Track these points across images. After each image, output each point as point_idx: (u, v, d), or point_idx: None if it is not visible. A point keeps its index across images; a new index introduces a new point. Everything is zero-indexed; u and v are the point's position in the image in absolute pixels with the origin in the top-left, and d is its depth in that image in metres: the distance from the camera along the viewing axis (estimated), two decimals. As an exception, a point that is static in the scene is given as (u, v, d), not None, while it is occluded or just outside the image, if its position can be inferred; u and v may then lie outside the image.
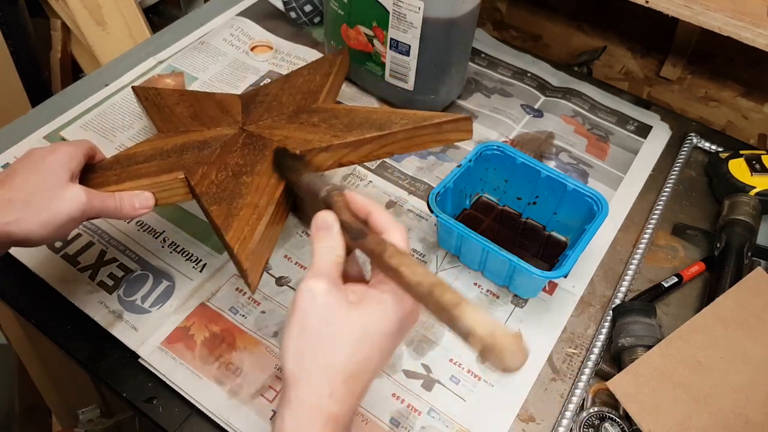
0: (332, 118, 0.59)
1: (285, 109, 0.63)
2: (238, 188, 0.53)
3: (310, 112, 0.62)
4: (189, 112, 0.65)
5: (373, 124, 0.57)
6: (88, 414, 1.07)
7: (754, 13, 0.66)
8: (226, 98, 0.69)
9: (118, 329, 0.58)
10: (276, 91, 0.67)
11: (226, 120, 0.63)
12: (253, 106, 0.65)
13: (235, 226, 0.50)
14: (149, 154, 0.57)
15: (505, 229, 0.68)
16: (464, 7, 0.68)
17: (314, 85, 0.66)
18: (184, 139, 0.60)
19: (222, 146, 0.58)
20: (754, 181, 0.69)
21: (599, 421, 0.53)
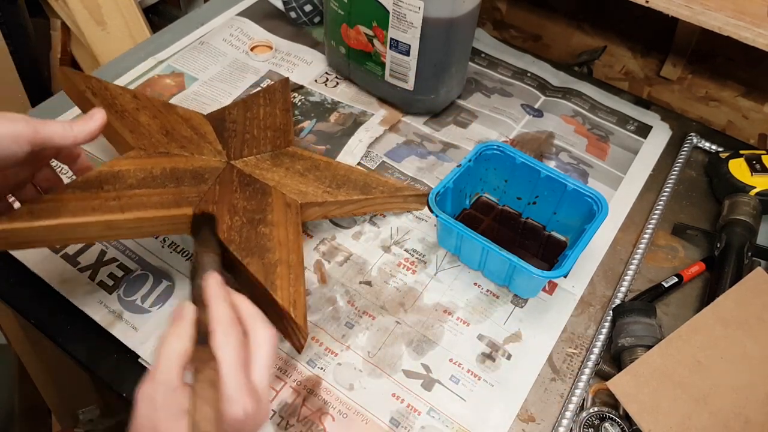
0: (315, 170, 0.64)
1: (262, 147, 0.65)
2: (260, 240, 0.55)
3: (291, 157, 0.65)
4: (157, 125, 0.62)
5: (355, 184, 0.64)
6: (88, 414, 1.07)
7: (754, 13, 0.66)
8: (190, 115, 0.66)
9: (118, 329, 0.58)
10: (242, 120, 0.68)
11: (206, 147, 0.62)
12: (227, 134, 0.65)
13: (280, 285, 0.52)
14: (140, 177, 0.55)
15: (505, 228, 0.68)
16: (464, 7, 0.68)
17: (278, 122, 0.69)
18: (171, 163, 0.58)
19: (219, 183, 0.58)
20: (754, 181, 0.69)
21: (599, 421, 0.53)
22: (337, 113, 0.79)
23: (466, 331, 0.60)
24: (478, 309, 0.61)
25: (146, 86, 0.80)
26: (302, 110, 0.79)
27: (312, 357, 0.57)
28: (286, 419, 0.53)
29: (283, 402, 0.54)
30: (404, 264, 0.64)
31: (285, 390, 0.55)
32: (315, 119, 0.78)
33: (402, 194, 0.66)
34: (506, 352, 0.59)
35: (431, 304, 0.61)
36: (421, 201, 0.68)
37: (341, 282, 0.63)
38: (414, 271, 0.64)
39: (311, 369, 0.56)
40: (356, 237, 0.66)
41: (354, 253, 0.65)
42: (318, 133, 0.77)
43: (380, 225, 0.68)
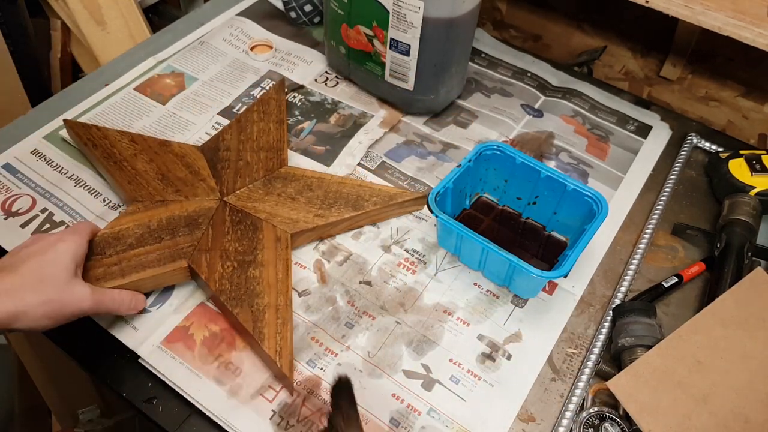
0: (307, 190, 0.66)
1: (255, 173, 0.67)
2: (250, 284, 0.58)
3: (283, 180, 0.67)
4: (153, 170, 0.66)
5: (347, 200, 0.65)
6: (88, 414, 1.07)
7: (754, 13, 0.66)
8: (185, 151, 0.69)
9: (118, 329, 0.58)
10: (236, 145, 0.70)
11: (200, 186, 0.65)
12: (220, 166, 0.68)
13: (267, 333, 0.55)
14: (138, 234, 0.59)
15: (505, 229, 0.68)
16: (464, 7, 0.68)
17: (272, 138, 0.71)
18: (167, 213, 0.62)
19: (212, 226, 0.62)
20: (754, 181, 0.69)
21: (599, 421, 0.53)
22: (338, 114, 0.79)
23: (466, 332, 0.60)
24: (478, 309, 0.61)
25: (146, 86, 0.80)
26: (302, 110, 0.79)
27: (312, 357, 0.57)
28: (286, 419, 0.53)
29: (283, 402, 0.54)
30: (404, 264, 0.64)
31: (285, 390, 0.55)
32: (315, 120, 0.78)
33: (396, 202, 0.66)
34: (506, 352, 0.59)
35: (431, 305, 0.61)
36: (419, 203, 0.68)
37: (341, 282, 0.63)
38: (414, 271, 0.64)
39: (311, 369, 0.56)
40: (356, 237, 0.66)
41: (354, 253, 0.65)
42: (318, 134, 0.77)
43: (380, 225, 0.68)
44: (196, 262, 0.58)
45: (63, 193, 0.68)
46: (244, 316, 0.56)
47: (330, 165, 0.73)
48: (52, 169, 0.70)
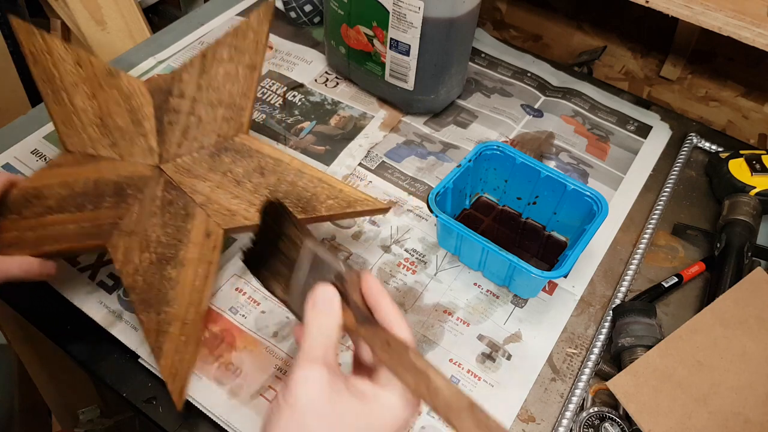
0: (258, 173, 0.57)
1: (206, 137, 0.58)
2: (163, 287, 0.52)
3: (234, 154, 0.57)
4: (93, 110, 0.57)
5: (299, 197, 0.56)
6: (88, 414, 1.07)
7: (754, 13, 0.66)
8: (133, 89, 0.59)
9: (118, 329, 0.58)
10: (192, 92, 0.59)
11: (139, 143, 0.57)
12: (167, 120, 0.58)
13: (166, 350, 0.50)
14: (61, 196, 0.53)
15: (505, 229, 0.68)
16: (464, 7, 0.68)
17: (237, 89, 0.59)
18: (96, 173, 0.55)
19: (140, 202, 0.54)
20: (755, 181, 0.69)
21: (599, 421, 0.53)
22: (338, 116, 0.79)
23: (466, 332, 0.60)
24: (478, 309, 0.61)
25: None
26: (302, 110, 0.79)
27: (312, 357, 0.57)
28: (286, 419, 0.53)
29: (283, 402, 0.54)
30: (404, 264, 0.64)
31: (285, 390, 0.55)
32: (315, 121, 0.78)
33: (354, 210, 0.56)
34: (506, 353, 0.59)
35: (431, 305, 0.61)
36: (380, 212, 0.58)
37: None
38: (414, 271, 0.64)
39: (311, 369, 0.56)
40: (356, 237, 0.66)
41: (354, 253, 0.65)
42: (318, 134, 0.77)
43: (380, 224, 0.68)
44: (114, 246, 0.52)
45: (63, 193, 0.68)
46: (148, 324, 0.51)
47: (330, 165, 0.73)
48: (52, 169, 0.70)
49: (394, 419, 0.35)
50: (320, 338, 0.36)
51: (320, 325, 0.37)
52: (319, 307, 0.37)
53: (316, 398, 0.34)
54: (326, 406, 0.34)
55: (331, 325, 0.37)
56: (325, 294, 0.38)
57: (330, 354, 0.36)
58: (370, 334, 0.37)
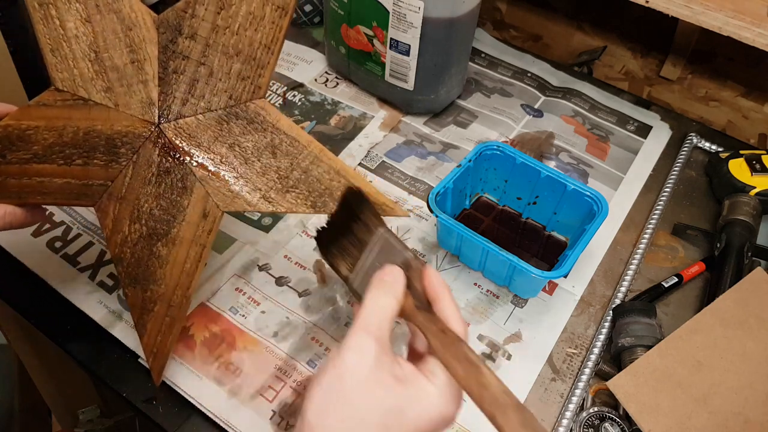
0: (270, 153, 0.50)
1: (215, 96, 0.50)
2: (152, 264, 0.49)
3: (246, 123, 0.50)
4: (87, 38, 0.49)
5: (311, 188, 0.50)
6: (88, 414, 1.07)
7: (754, 13, 0.66)
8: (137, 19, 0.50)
9: (118, 329, 0.58)
10: (207, 33, 0.50)
11: (137, 92, 0.50)
12: (173, 67, 0.50)
13: (149, 329, 0.49)
14: (48, 143, 0.48)
15: (505, 229, 0.68)
16: (464, 7, 0.68)
17: (261, 37, 0.50)
18: (87, 122, 0.49)
19: (133, 164, 0.49)
20: (754, 181, 0.69)
21: (599, 421, 0.53)
22: (338, 116, 0.79)
23: (466, 331, 0.60)
24: (478, 309, 0.61)
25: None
26: (302, 110, 0.79)
27: (312, 357, 0.57)
28: (286, 419, 0.53)
29: (283, 402, 0.54)
30: (404, 264, 0.64)
31: (285, 390, 0.55)
32: (315, 121, 0.78)
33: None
34: (506, 352, 0.59)
35: (431, 304, 0.61)
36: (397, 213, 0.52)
37: (341, 282, 0.63)
38: (414, 271, 0.64)
39: (311, 369, 0.56)
40: (356, 237, 0.66)
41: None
42: (318, 134, 0.77)
43: (380, 225, 0.68)
44: (103, 211, 0.49)
45: (63, 193, 0.68)
46: (133, 300, 0.49)
47: (330, 165, 0.73)
48: (52, 169, 0.70)
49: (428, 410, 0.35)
50: (378, 312, 0.37)
51: (381, 299, 0.37)
52: (384, 283, 0.38)
53: (361, 367, 0.35)
54: (369, 376, 0.34)
55: (390, 302, 0.37)
56: (393, 272, 0.39)
57: (384, 329, 0.36)
58: (427, 321, 0.38)
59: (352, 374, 0.34)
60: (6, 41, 1.11)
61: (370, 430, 0.34)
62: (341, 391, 0.34)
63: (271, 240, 0.66)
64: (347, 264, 0.42)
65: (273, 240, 0.66)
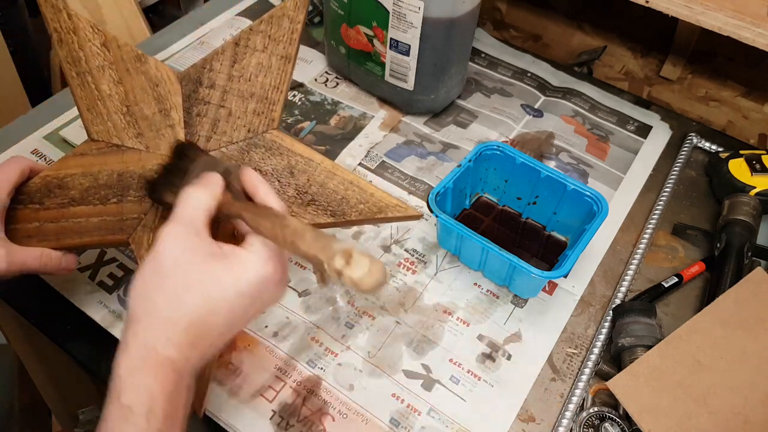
0: (287, 173, 0.54)
1: (236, 132, 0.56)
2: None
3: (264, 150, 0.55)
4: (119, 97, 0.55)
5: (329, 200, 0.54)
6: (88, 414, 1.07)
7: (754, 13, 0.66)
8: (162, 76, 0.57)
9: (118, 329, 0.58)
10: (224, 82, 0.57)
11: (166, 135, 0.55)
12: (196, 111, 0.56)
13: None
14: (84, 187, 0.52)
15: (505, 229, 0.68)
16: (464, 7, 0.68)
17: (270, 81, 0.57)
18: (120, 165, 0.53)
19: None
20: (754, 181, 0.69)
21: (599, 421, 0.53)
22: (338, 116, 0.79)
23: (466, 332, 0.60)
24: (478, 309, 0.61)
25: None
26: (302, 110, 0.79)
27: (312, 357, 0.57)
28: (286, 419, 0.53)
29: (283, 402, 0.54)
30: (404, 264, 0.64)
31: (285, 390, 0.55)
32: (315, 120, 0.78)
33: (385, 216, 0.54)
34: (506, 353, 0.59)
35: (431, 305, 0.61)
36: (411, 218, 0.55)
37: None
38: (414, 271, 0.64)
39: (311, 369, 0.56)
40: (356, 237, 0.66)
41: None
42: (318, 134, 0.77)
43: (380, 224, 0.68)
44: (138, 242, 0.51)
45: (63, 193, 0.68)
46: None
47: (330, 165, 0.73)
48: (52, 169, 0.70)
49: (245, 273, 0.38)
50: (191, 203, 0.40)
51: (193, 194, 0.40)
52: (199, 181, 0.41)
53: (174, 250, 0.38)
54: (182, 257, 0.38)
55: (203, 195, 0.40)
56: (209, 176, 0.42)
57: (198, 218, 0.39)
58: (243, 206, 0.41)
59: (165, 258, 0.38)
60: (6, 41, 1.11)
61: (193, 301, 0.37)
62: (158, 274, 0.38)
63: (271, 240, 0.66)
64: (173, 192, 0.44)
65: (273, 240, 0.66)
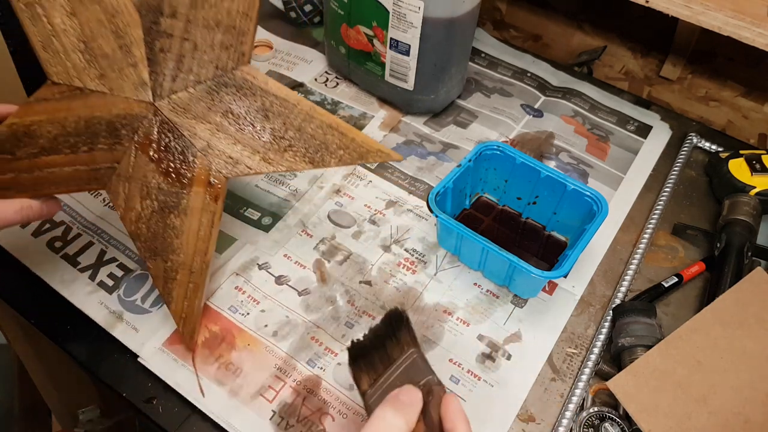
0: (263, 116, 0.52)
1: (203, 68, 0.52)
2: (168, 236, 0.52)
3: (236, 90, 0.52)
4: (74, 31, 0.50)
5: (308, 145, 0.52)
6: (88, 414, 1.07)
7: (754, 13, 0.66)
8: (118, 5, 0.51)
9: (119, 330, 0.58)
10: (186, 9, 0.51)
11: (129, 75, 0.51)
12: (159, 46, 0.51)
13: (176, 296, 0.52)
14: (52, 135, 0.50)
15: (505, 229, 0.68)
16: (464, 7, 0.68)
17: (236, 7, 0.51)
18: (86, 110, 0.50)
19: (137, 145, 0.51)
20: (754, 181, 0.69)
21: (599, 421, 0.53)
22: (338, 116, 0.79)
23: (466, 332, 0.60)
24: (478, 309, 0.61)
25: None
26: (302, 110, 0.79)
27: (312, 357, 0.57)
28: (286, 419, 0.53)
29: (283, 402, 0.54)
30: (404, 264, 0.64)
31: (285, 390, 0.55)
32: (315, 119, 0.78)
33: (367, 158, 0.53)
34: (506, 353, 0.59)
35: (431, 304, 0.61)
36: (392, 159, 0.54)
37: (341, 281, 0.63)
38: (414, 271, 0.64)
39: (311, 369, 0.56)
40: (356, 236, 0.66)
41: (354, 253, 0.65)
42: (318, 133, 0.77)
43: (380, 224, 0.68)
44: (114, 192, 0.51)
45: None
46: (155, 271, 0.52)
47: (330, 165, 0.73)
48: (52, 169, 0.70)
49: None
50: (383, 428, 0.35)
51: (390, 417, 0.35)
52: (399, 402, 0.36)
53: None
54: None
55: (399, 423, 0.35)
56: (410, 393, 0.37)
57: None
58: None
59: None
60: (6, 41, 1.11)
61: None
62: None
63: (271, 239, 0.66)
64: (369, 378, 0.42)
65: (273, 239, 0.66)
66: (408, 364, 0.41)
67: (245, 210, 0.68)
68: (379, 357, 0.42)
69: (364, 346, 0.43)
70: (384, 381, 0.41)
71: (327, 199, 0.70)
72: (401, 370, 0.41)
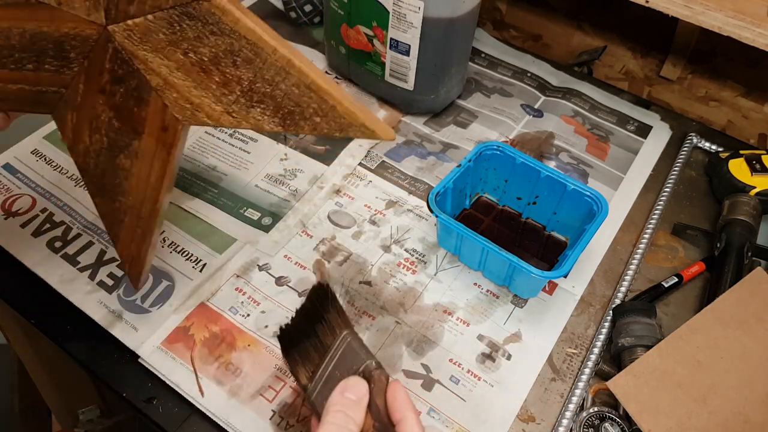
0: (230, 62, 0.44)
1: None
2: (116, 177, 0.48)
3: (201, 25, 0.43)
4: None
5: (279, 104, 0.44)
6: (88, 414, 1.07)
7: (754, 13, 0.66)
8: None
9: (118, 329, 0.58)
10: None
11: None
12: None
13: (122, 238, 0.50)
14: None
15: (505, 229, 0.68)
16: (464, 7, 0.68)
17: None
18: (32, 23, 0.45)
19: (85, 70, 0.46)
20: (755, 181, 0.69)
21: (599, 421, 0.53)
22: (337, 113, 0.79)
23: (466, 332, 0.60)
24: (478, 309, 0.61)
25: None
26: (302, 110, 0.79)
27: (312, 357, 0.57)
28: (286, 419, 0.53)
29: (283, 402, 0.54)
30: (404, 264, 0.64)
31: (285, 390, 0.55)
32: (315, 119, 0.78)
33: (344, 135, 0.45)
34: (506, 352, 0.59)
35: (431, 305, 0.61)
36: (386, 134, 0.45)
37: (341, 282, 0.63)
38: (414, 271, 0.64)
39: (311, 369, 0.56)
40: (356, 237, 0.66)
41: (354, 253, 0.65)
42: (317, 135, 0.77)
43: (380, 224, 0.68)
44: (61, 120, 0.48)
45: (63, 193, 0.68)
46: (103, 209, 0.50)
47: (330, 164, 0.73)
48: (52, 169, 0.70)
49: None
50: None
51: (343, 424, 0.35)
52: (348, 403, 0.36)
53: None
54: None
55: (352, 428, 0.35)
56: (357, 389, 0.36)
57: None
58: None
59: None
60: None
61: None
62: None
63: (271, 240, 0.66)
64: (307, 371, 0.41)
65: (273, 240, 0.66)
66: (343, 349, 0.40)
67: (245, 210, 0.68)
68: (312, 346, 0.41)
69: (295, 333, 0.42)
70: (322, 373, 0.40)
71: (327, 200, 0.70)
72: (338, 357, 0.40)
